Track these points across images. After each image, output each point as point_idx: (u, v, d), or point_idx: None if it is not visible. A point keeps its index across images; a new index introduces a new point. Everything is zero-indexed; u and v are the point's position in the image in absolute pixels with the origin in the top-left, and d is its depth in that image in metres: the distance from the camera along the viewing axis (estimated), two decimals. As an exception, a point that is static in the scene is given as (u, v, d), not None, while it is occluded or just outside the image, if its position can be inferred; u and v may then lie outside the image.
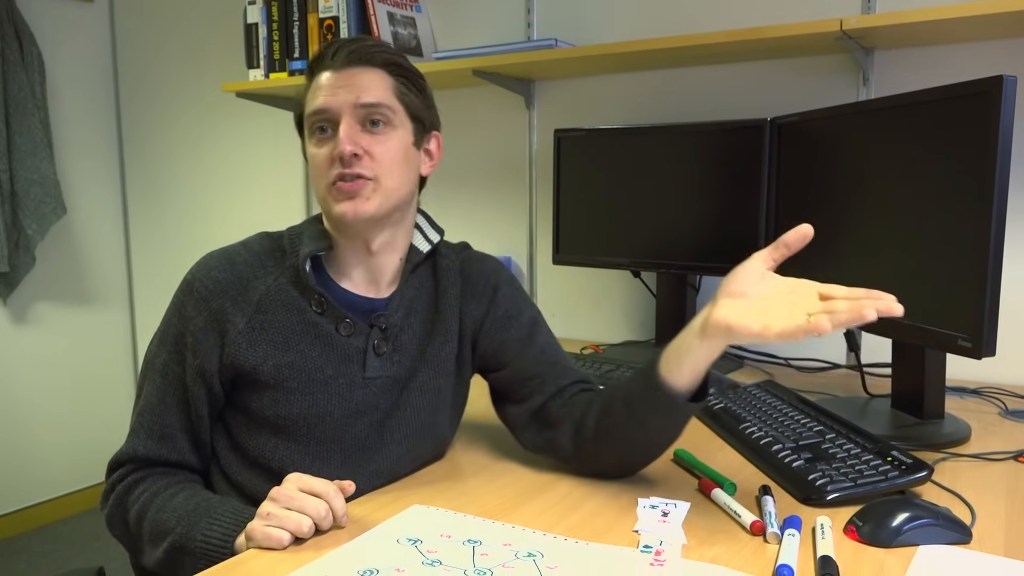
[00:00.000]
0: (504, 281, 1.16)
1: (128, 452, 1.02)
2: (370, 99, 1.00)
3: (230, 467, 1.04)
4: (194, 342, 1.00)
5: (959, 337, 1.07)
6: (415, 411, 1.08)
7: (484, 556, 0.83)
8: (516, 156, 2.17)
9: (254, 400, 1.01)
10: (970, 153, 1.06)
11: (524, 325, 1.14)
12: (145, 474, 1.02)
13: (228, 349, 1.00)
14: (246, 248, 1.06)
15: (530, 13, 2.09)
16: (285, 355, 1.01)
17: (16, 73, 2.64)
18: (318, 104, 1.01)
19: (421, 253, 1.11)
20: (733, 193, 1.64)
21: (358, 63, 1.02)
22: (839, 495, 0.94)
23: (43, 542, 2.77)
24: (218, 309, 1.00)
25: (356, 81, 1.01)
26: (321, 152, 1.02)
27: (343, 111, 1.00)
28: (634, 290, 2.02)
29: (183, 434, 1.03)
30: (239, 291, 1.02)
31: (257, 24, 2.26)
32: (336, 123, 1.01)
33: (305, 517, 0.86)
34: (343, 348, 1.04)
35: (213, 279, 1.02)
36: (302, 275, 1.03)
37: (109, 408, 3.09)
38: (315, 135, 1.03)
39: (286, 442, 1.02)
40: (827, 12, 1.71)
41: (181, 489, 0.99)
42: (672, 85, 1.93)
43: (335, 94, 1.00)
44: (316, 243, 1.05)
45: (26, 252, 2.73)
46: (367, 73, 1.02)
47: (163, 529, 0.94)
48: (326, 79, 1.02)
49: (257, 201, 2.72)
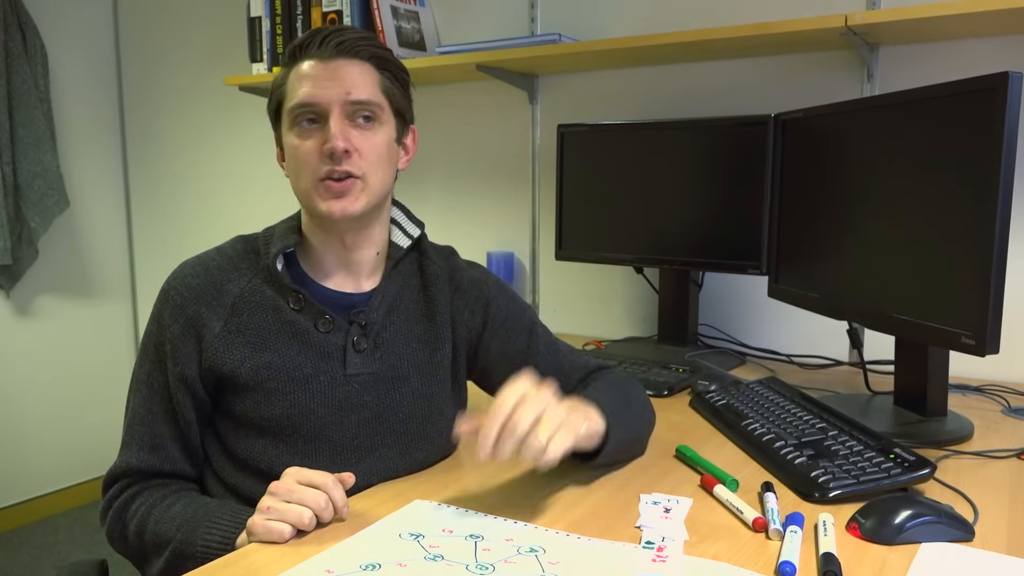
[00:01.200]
0: (496, 289, 1.17)
1: (121, 466, 1.02)
2: (361, 96, 0.99)
3: (223, 470, 1.04)
4: (173, 350, 1.00)
5: (962, 334, 1.07)
6: (408, 415, 1.07)
7: (486, 551, 0.83)
8: (519, 151, 2.17)
9: (237, 403, 1.01)
10: (975, 150, 1.06)
11: (524, 332, 1.16)
12: (141, 488, 1.02)
13: (206, 354, 1.00)
14: (220, 253, 1.06)
15: (534, 8, 2.08)
16: (262, 356, 1.00)
17: (19, 66, 2.64)
18: (304, 95, 0.98)
19: (401, 249, 1.10)
20: (737, 189, 1.64)
21: (346, 54, 0.99)
22: (841, 492, 0.94)
23: (45, 534, 2.78)
24: (194, 315, 1.00)
25: (344, 74, 0.99)
26: (306, 145, 0.99)
27: (332, 105, 0.98)
28: (637, 286, 2.02)
29: (174, 443, 1.02)
30: (213, 295, 1.01)
31: (260, 18, 2.26)
32: (323, 116, 0.99)
33: (305, 509, 0.86)
34: (322, 345, 1.03)
35: (187, 286, 1.02)
36: (275, 273, 1.02)
37: (111, 400, 3.09)
38: (298, 126, 1.00)
39: (273, 443, 1.01)
40: (832, 8, 1.70)
41: (178, 499, 0.99)
42: (676, 81, 1.93)
43: (323, 87, 0.98)
44: (284, 240, 1.04)
45: (29, 245, 2.73)
46: (355, 66, 1.00)
47: (163, 540, 0.95)
48: (311, 68, 0.99)
49: (259, 194, 2.72)
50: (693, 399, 1.40)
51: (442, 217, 2.31)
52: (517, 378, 0.90)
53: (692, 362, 1.61)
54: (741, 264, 1.64)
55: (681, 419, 1.32)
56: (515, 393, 0.87)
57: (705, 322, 1.90)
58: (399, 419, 1.07)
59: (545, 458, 0.85)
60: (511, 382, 0.89)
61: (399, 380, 1.07)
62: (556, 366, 1.16)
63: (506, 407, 0.86)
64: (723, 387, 1.40)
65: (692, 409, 1.37)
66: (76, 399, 3.01)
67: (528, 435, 0.85)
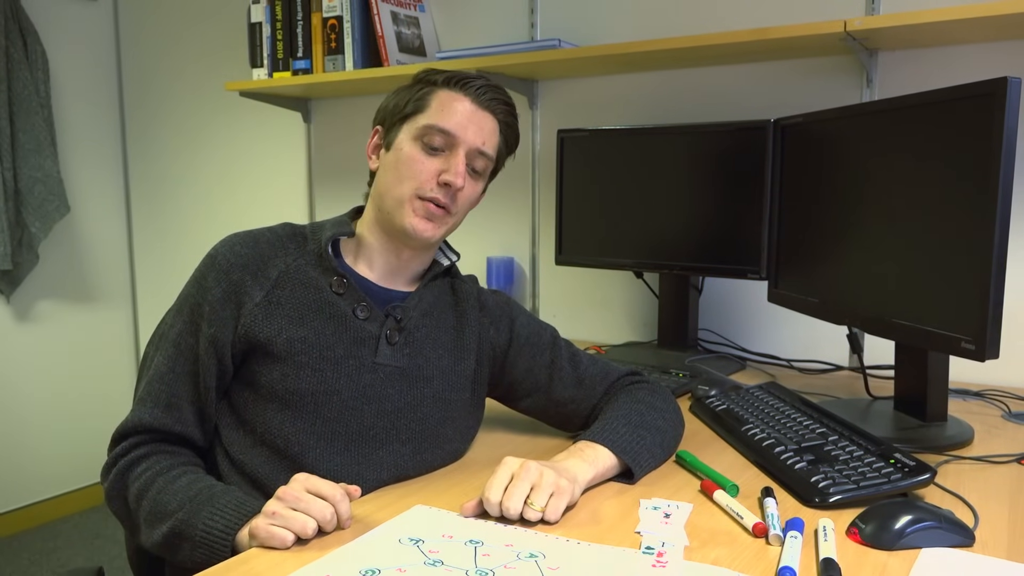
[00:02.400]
0: (518, 311, 1.23)
1: (133, 421, 1.02)
2: (488, 150, 1.09)
3: (234, 446, 1.04)
4: (211, 311, 1.03)
5: (962, 339, 1.07)
6: (425, 416, 1.09)
7: (486, 556, 0.83)
8: (519, 156, 2.17)
9: (264, 373, 1.03)
10: (974, 155, 1.06)
11: (547, 348, 1.22)
12: (149, 451, 1.02)
13: (244, 320, 1.02)
14: (270, 231, 1.10)
15: (534, 13, 2.09)
16: (299, 330, 1.03)
17: (20, 71, 2.64)
18: (450, 124, 1.06)
19: (442, 266, 1.18)
20: (736, 194, 1.64)
21: (490, 109, 1.09)
22: (841, 497, 0.94)
23: (44, 540, 2.78)
24: (238, 281, 1.03)
25: (484, 125, 1.08)
26: (428, 162, 1.06)
27: (463, 145, 1.06)
28: (637, 291, 2.02)
29: (190, 405, 1.03)
30: (259, 267, 1.05)
31: (261, 23, 2.26)
32: (452, 148, 1.07)
33: (311, 519, 0.86)
34: (357, 330, 1.06)
35: (236, 253, 1.05)
36: (324, 256, 1.07)
37: (111, 406, 3.09)
38: (423, 141, 1.07)
39: (292, 419, 1.02)
40: (831, 13, 1.71)
41: (184, 472, 0.99)
42: (676, 86, 1.93)
43: (466, 128, 1.06)
44: (338, 228, 1.10)
45: (29, 250, 2.73)
46: (491, 121, 1.10)
47: (163, 512, 0.94)
48: (464, 107, 1.07)
49: (260, 200, 2.72)
50: (693, 404, 1.40)
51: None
52: (499, 467, 0.94)
53: (692, 367, 1.61)
54: (741, 269, 1.64)
55: (681, 424, 1.32)
56: (501, 481, 0.92)
57: (705, 327, 1.90)
58: (416, 418, 1.08)
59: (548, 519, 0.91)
60: (494, 473, 0.93)
61: (422, 380, 1.10)
62: (578, 379, 1.21)
63: (494, 498, 0.91)
64: (723, 392, 1.40)
65: (692, 414, 1.37)
66: (76, 404, 3.01)
67: (524, 512, 0.90)
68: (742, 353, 1.82)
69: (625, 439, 1.06)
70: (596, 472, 1.01)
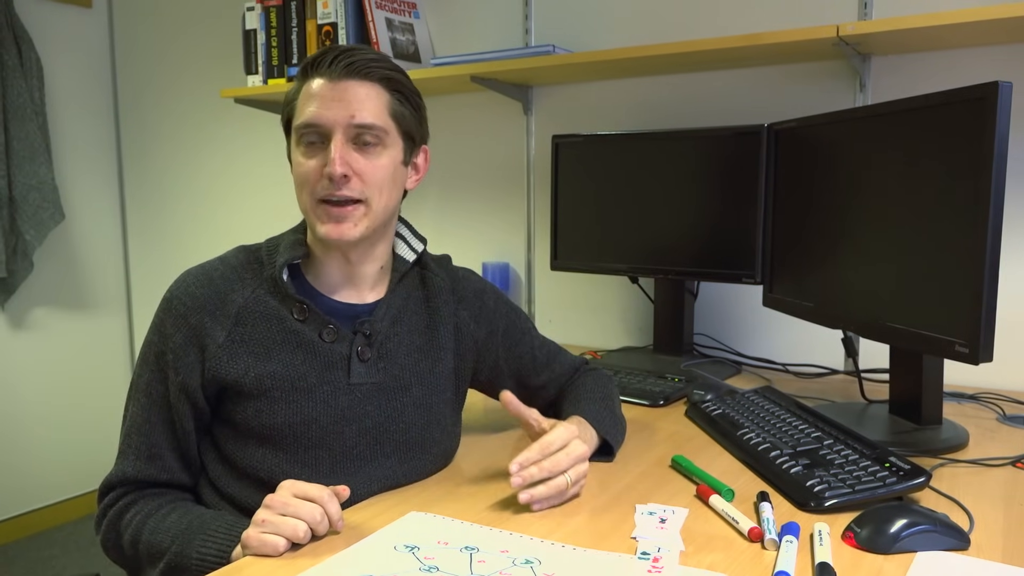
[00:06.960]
0: (495, 299, 1.22)
1: (118, 475, 1.02)
2: (365, 120, 0.98)
3: (219, 480, 1.04)
4: (175, 359, 1.00)
5: (956, 343, 1.07)
6: (408, 425, 1.08)
7: (481, 563, 0.82)
8: (514, 162, 2.17)
9: (239, 412, 1.01)
10: (966, 159, 1.06)
11: (525, 337, 1.24)
12: (136, 496, 1.01)
13: (209, 363, 0.99)
14: (223, 263, 1.06)
15: (528, 19, 2.09)
16: (267, 365, 1.00)
17: (15, 79, 2.64)
18: (310, 116, 0.99)
19: (407, 263, 1.12)
20: (730, 199, 1.64)
21: (355, 75, 0.99)
22: (837, 501, 0.94)
23: (40, 548, 2.77)
24: (197, 324, 1.00)
25: (351, 96, 0.98)
26: (309, 164, 1.00)
27: (335, 127, 0.98)
28: (632, 296, 2.02)
29: (171, 452, 1.02)
30: (217, 305, 1.01)
31: (255, 30, 2.26)
32: (327, 137, 0.99)
33: (300, 522, 0.85)
34: (326, 355, 1.03)
35: (191, 295, 1.01)
36: (280, 284, 1.02)
37: (107, 414, 3.08)
38: (303, 144, 1.01)
39: (273, 452, 1.01)
40: (824, 18, 1.72)
41: (173, 509, 0.98)
42: (669, 91, 1.93)
43: (328, 107, 0.98)
44: (292, 252, 1.04)
45: (24, 258, 2.73)
46: (363, 87, 0.99)
47: (158, 550, 0.94)
48: (319, 87, 0.99)
49: (256, 206, 2.72)
50: (689, 409, 1.40)
51: (437, 228, 2.31)
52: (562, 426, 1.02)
53: (687, 372, 1.61)
54: (736, 273, 1.64)
55: (676, 429, 1.32)
56: (560, 439, 0.99)
57: (700, 332, 1.90)
58: (399, 428, 1.07)
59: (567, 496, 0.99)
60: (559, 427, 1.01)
61: (401, 390, 1.07)
62: (550, 367, 1.27)
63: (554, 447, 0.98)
64: (718, 396, 1.40)
65: (688, 419, 1.37)
66: (71, 412, 3.00)
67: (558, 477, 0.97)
68: (737, 357, 1.82)
69: (607, 423, 1.15)
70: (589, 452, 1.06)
